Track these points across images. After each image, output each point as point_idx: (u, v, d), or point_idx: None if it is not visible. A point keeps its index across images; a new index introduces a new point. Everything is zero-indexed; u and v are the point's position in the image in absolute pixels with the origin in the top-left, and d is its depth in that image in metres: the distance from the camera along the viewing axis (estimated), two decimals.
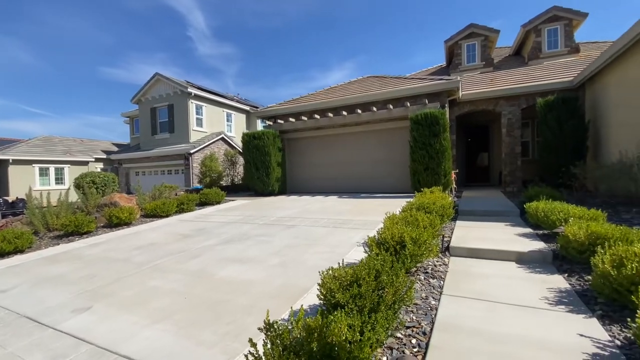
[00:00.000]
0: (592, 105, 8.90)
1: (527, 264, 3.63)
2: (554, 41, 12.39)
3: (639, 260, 2.37)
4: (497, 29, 13.01)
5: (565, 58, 11.91)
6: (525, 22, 12.47)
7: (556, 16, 12.05)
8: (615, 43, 6.92)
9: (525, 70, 11.91)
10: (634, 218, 5.06)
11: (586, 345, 2.02)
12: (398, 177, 10.35)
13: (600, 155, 8.35)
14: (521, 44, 13.61)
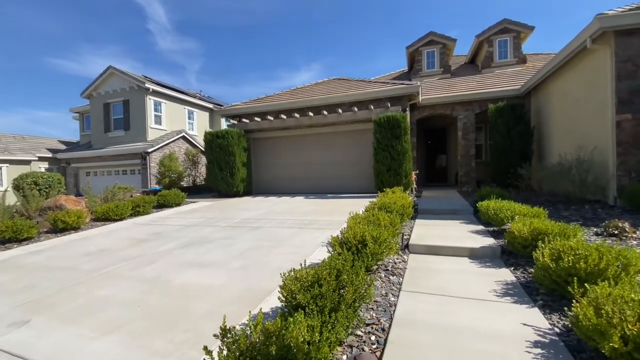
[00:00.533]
0: (537, 112, 9.75)
1: (478, 259, 3.88)
2: (504, 52, 13.40)
3: (574, 254, 2.62)
4: (454, 37, 13.80)
5: (514, 68, 12.93)
6: (479, 33, 13.37)
7: (506, 28, 13.05)
8: (554, 58, 7.65)
9: (479, 78, 12.76)
10: (572, 215, 5.61)
11: (529, 333, 2.19)
12: (363, 178, 10.58)
13: (543, 158, 9.17)
14: (475, 53, 14.55)
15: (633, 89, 5.63)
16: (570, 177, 6.34)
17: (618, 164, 5.74)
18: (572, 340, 2.08)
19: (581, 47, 6.27)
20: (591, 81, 6.50)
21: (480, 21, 60.86)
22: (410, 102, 10.47)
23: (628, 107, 5.65)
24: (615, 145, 5.75)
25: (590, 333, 1.83)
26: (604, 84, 5.99)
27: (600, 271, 2.43)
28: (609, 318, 1.76)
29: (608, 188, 6.01)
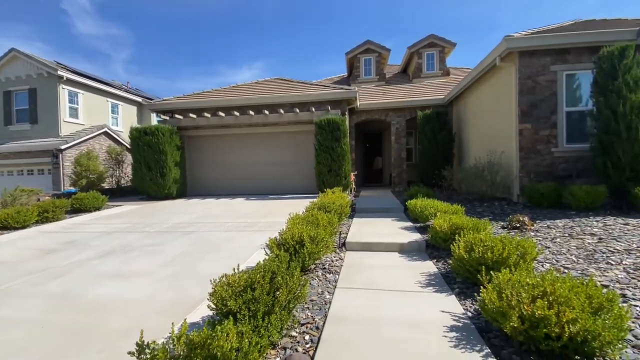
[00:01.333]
0: (458, 119, 10.93)
1: (407, 254, 4.18)
2: (431, 64, 14.73)
3: (483, 245, 2.98)
4: (389, 47, 14.76)
5: (440, 79, 14.30)
6: (410, 45, 14.50)
7: (433, 43, 14.36)
8: (470, 73, 8.66)
9: (410, 86, 13.84)
10: (484, 211, 6.39)
11: (446, 319, 2.41)
12: (306, 178, 10.66)
13: (463, 161, 10.30)
14: (407, 63, 15.74)
15: (532, 102, 6.65)
16: (483, 178, 7.24)
17: (520, 167, 6.72)
18: (481, 322, 2.36)
19: (492, 64, 7.21)
20: (500, 94, 7.51)
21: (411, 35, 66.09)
22: (349, 107, 10.88)
23: (528, 118, 6.66)
24: (518, 150, 6.73)
25: (494, 315, 2.08)
26: (510, 97, 6.96)
27: (504, 260, 2.80)
28: (508, 301, 2.03)
29: (513, 187, 6.99)
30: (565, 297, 1.90)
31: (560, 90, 6.48)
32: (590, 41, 6.29)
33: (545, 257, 3.57)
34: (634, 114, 5.23)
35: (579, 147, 6.38)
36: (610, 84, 5.44)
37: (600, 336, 1.74)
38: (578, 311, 1.83)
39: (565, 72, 6.48)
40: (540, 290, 2.05)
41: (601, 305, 1.91)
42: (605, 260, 3.36)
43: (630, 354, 1.94)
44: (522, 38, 6.48)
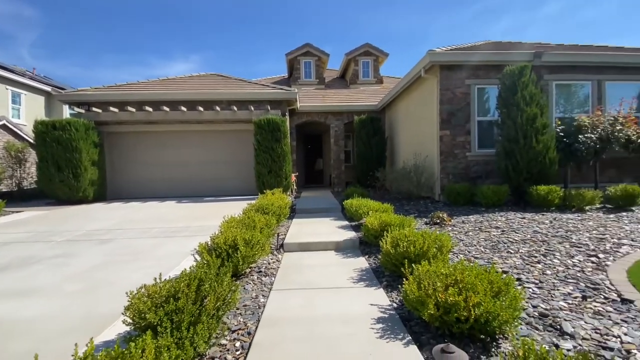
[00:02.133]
0: (390, 124, 11.71)
1: (342, 251, 4.33)
2: (366, 71, 15.53)
3: (407, 240, 3.22)
4: (328, 52, 15.16)
5: (374, 86, 15.15)
6: (348, 52, 15.10)
7: (368, 51, 15.17)
8: (400, 82, 9.36)
9: (347, 92, 14.41)
10: (411, 209, 6.95)
11: (374, 311, 2.55)
12: (244, 179, 10.34)
13: (394, 163, 11.06)
14: (345, 69, 16.37)
15: (451, 111, 7.44)
16: (410, 179, 7.88)
17: (441, 169, 7.47)
18: (405, 312, 2.54)
19: (417, 75, 7.89)
20: (425, 103, 8.26)
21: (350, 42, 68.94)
22: (289, 107, 10.89)
23: (447, 125, 7.43)
24: (439, 154, 7.47)
25: (415, 304, 2.27)
26: (432, 106, 7.70)
27: (424, 253, 3.08)
28: (426, 290, 2.23)
29: (435, 187, 7.74)
30: (472, 284, 2.16)
31: (473, 102, 7.39)
32: (496, 60, 7.29)
33: (460, 249, 4.03)
34: (529, 125, 6.21)
35: (488, 152, 7.34)
36: (512, 98, 6.38)
37: (499, 316, 2.01)
38: (482, 295, 2.10)
39: (477, 86, 7.41)
40: (453, 279, 2.29)
41: (500, 289, 2.21)
42: (506, 250, 3.92)
43: (524, 330, 2.28)
44: (443, 53, 7.24)
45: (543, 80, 7.24)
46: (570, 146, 6.58)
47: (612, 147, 6.55)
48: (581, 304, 2.57)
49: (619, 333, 2.15)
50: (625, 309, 2.46)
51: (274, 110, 10.05)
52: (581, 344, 2.07)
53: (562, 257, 3.58)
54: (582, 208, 5.86)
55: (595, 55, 7.33)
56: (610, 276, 3.04)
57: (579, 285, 2.88)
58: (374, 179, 9.63)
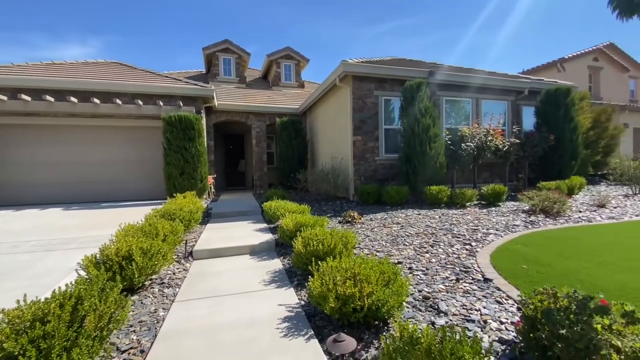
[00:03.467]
0: (310, 128, 12.07)
1: (258, 254, 4.29)
2: (288, 74, 15.71)
3: (317, 239, 3.37)
4: (249, 52, 14.83)
5: (296, 90, 15.42)
6: (270, 53, 15.05)
7: (290, 55, 15.37)
8: (318, 88, 9.75)
9: (269, 93, 14.34)
10: (328, 209, 7.28)
11: (282, 311, 2.61)
12: (152, 182, 9.36)
13: (315, 165, 11.43)
14: (267, 70, 16.26)
15: (362, 119, 8.05)
16: (328, 180, 8.27)
17: (354, 171, 8.02)
18: (311, 309, 2.66)
19: (333, 83, 8.34)
20: (340, 109, 8.76)
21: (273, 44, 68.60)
22: (205, 105, 10.29)
23: (359, 131, 8.02)
24: (352, 157, 8.01)
25: (318, 299, 2.39)
26: (346, 112, 8.22)
27: (332, 250, 3.27)
28: (327, 285, 2.37)
29: (349, 188, 8.27)
30: (366, 276, 2.39)
31: (381, 111, 8.16)
32: (399, 75, 8.19)
33: (365, 244, 4.40)
34: (424, 134, 7.13)
35: (393, 157, 8.17)
36: (411, 110, 7.24)
37: (387, 303, 2.26)
38: (374, 285, 2.34)
39: (384, 97, 8.20)
40: (352, 272, 2.50)
41: (390, 278, 2.50)
42: (403, 242, 4.43)
43: (410, 312, 2.61)
44: (355, 64, 7.80)
45: (436, 96, 8.42)
46: (456, 152, 7.80)
47: (486, 154, 8.00)
48: (455, 285, 3.07)
49: (480, 307, 2.63)
50: (486, 286, 3.03)
51: (187, 106, 9.36)
52: (452, 319, 2.47)
53: (445, 246, 4.21)
54: (464, 204, 6.98)
55: (474, 77, 8.85)
56: (478, 260, 3.71)
57: (454, 269, 3.43)
58: (295, 180, 9.79)
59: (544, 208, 5.84)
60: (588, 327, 1.71)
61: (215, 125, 11.86)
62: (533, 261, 3.53)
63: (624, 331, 1.74)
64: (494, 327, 2.32)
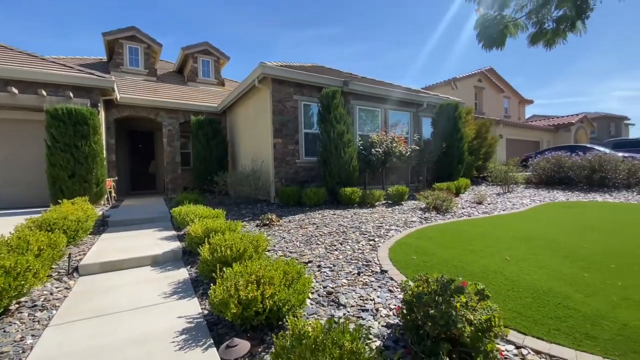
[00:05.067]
0: (231, 128, 11.65)
1: (161, 265, 3.96)
2: (207, 71, 14.90)
3: (225, 245, 3.28)
4: (160, 42, 13.57)
5: (215, 88, 14.71)
6: (185, 46, 14.04)
7: (208, 51, 14.59)
8: (238, 87, 9.50)
9: (185, 89, 13.35)
10: (248, 212, 7.13)
11: (180, 324, 2.47)
12: (30, 186, 7.82)
13: (236, 167, 11.06)
14: (183, 64, 15.12)
15: (282, 122, 8.13)
16: (249, 183, 8.11)
17: (275, 173, 8.04)
18: (214, 317, 2.59)
19: (252, 84, 8.23)
20: (261, 111, 8.68)
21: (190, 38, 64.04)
22: (104, 97, 9.04)
23: (279, 134, 8.08)
24: (273, 160, 8.02)
25: (219, 307, 2.34)
26: (267, 115, 8.19)
27: (241, 255, 3.23)
28: (229, 291, 2.34)
29: (271, 190, 8.26)
30: (270, 278, 2.44)
31: (300, 116, 8.37)
32: (317, 82, 8.53)
33: (280, 246, 4.46)
34: (338, 139, 7.57)
35: (312, 160, 8.46)
36: (327, 116, 7.61)
37: (289, 302, 2.35)
38: (277, 286, 2.40)
39: (303, 102, 8.44)
40: (256, 275, 2.51)
41: (294, 278, 2.59)
42: (316, 242, 4.62)
43: (314, 308, 2.75)
44: (274, 67, 7.84)
45: (350, 104, 9.03)
46: (367, 157, 8.49)
47: (392, 158, 8.88)
48: (356, 278, 3.34)
49: (374, 297, 2.92)
50: (382, 277, 3.38)
51: (79, 98, 8.08)
52: (349, 310, 2.69)
53: (352, 243, 4.55)
54: (373, 204, 7.63)
55: (382, 89, 9.77)
56: (379, 254, 4.10)
57: (358, 264, 3.74)
58: (214, 183, 9.30)
59: (436, 206, 6.78)
60: (448, 306, 2.06)
61: (117, 122, 10.51)
62: (422, 252, 4.07)
63: (476, 306, 2.15)
64: (384, 314, 2.60)
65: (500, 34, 3.31)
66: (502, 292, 2.89)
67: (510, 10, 3.31)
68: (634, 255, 3.79)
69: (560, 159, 10.75)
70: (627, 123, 32.33)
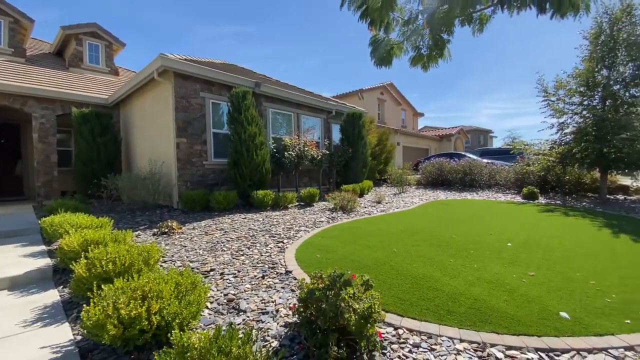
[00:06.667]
0: (125, 124, 10.26)
1: (22, 288, 3.25)
2: (96, 57, 12.84)
3: (107, 259, 2.88)
4: (32, 18, 11.13)
5: (107, 77, 12.77)
6: (67, 25, 11.82)
7: (97, 34, 12.60)
8: (134, 78, 8.45)
9: (66, 75, 11.23)
10: (144, 220, 6.40)
11: (44, 354, 2.08)
12: None
13: (131, 169, 9.79)
14: (63, 46, 12.71)
15: (187, 120, 7.55)
16: (146, 187, 7.28)
17: (178, 176, 7.42)
18: (89, 343, 2.25)
19: (151, 76, 7.43)
20: (162, 107, 7.90)
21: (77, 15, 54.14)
22: None
23: (184, 133, 7.49)
24: (176, 161, 7.39)
25: (94, 330, 2.05)
26: (169, 111, 7.50)
27: (127, 268, 2.88)
28: (106, 310, 2.07)
29: (173, 195, 7.58)
30: (158, 291, 2.25)
31: (208, 114, 7.94)
32: (228, 81, 8.22)
33: (180, 256, 4.14)
34: (250, 141, 7.44)
35: (222, 162, 8.10)
36: (238, 117, 7.41)
37: (179, 315, 2.20)
38: (167, 300, 2.23)
39: (212, 100, 8.03)
40: (142, 290, 2.28)
41: (187, 289, 2.45)
42: (222, 248, 4.45)
43: (212, 318, 2.64)
44: (177, 61, 7.25)
45: (263, 106, 8.98)
46: (280, 160, 8.57)
47: (304, 162, 9.18)
48: (260, 282, 3.34)
49: (276, 298, 2.97)
50: (286, 278, 3.46)
51: None
52: (249, 315, 2.68)
53: (260, 247, 4.53)
54: (286, 206, 7.75)
55: (294, 94, 10.02)
56: (286, 256, 4.19)
57: (264, 267, 3.75)
58: (101, 187, 8.03)
59: (342, 206, 7.28)
60: (336, 298, 2.24)
61: None
62: (325, 250, 4.32)
63: (362, 296, 2.39)
64: (284, 314, 2.68)
65: (388, 55, 3.78)
66: (387, 280, 3.28)
67: (395, 35, 3.83)
68: (486, 242, 4.76)
69: (442, 164, 12.77)
70: (491, 135, 40.54)
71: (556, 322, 2.51)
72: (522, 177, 11.28)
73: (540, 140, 11.43)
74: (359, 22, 3.43)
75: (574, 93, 9.80)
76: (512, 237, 5.06)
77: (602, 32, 9.22)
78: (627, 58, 8.91)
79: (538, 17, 2.77)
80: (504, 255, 4.13)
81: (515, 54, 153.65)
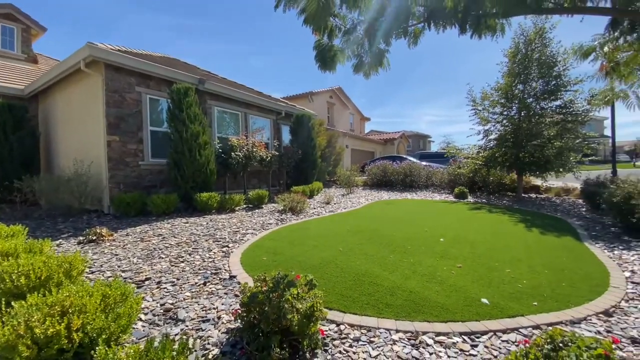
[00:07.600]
0: (45, 118, 9.04)
1: None
2: (10, 41, 11.21)
3: (20, 273, 2.52)
4: None
5: (23, 65, 11.14)
6: None
7: (12, 15, 10.98)
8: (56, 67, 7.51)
9: None
10: (67, 227, 5.71)
11: None
12: None
13: (53, 170, 8.65)
14: None
15: (120, 116, 6.91)
16: (71, 189, 6.50)
17: (110, 177, 6.75)
18: None
19: (76, 67, 6.66)
20: (90, 101, 7.12)
21: None
22: None
23: (116, 130, 6.84)
24: (107, 161, 6.71)
25: (4, 352, 1.79)
26: (98, 106, 6.79)
27: (44, 282, 2.56)
28: (17, 330, 1.82)
29: (103, 198, 6.87)
30: (81, 305, 2.04)
31: (145, 111, 7.36)
32: (168, 75, 7.71)
33: (110, 265, 3.79)
34: (193, 140, 7.07)
35: (161, 162, 7.57)
36: (179, 114, 6.99)
37: (108, 330, 2.02)
38: (92, 314, 2.03)
39: (149, 96, 7.46)
40: (63, 305, 2.05)
41: (116, 301, 2.25)
42: (159, 256, 4.17)
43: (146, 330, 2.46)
44: (108, 51, 6.60)
45: (207, 104, 8.60)
46: (227, 160, 8.29)
47: (253, 163, 9.00)
48: (202, 289, 3.21)
49: (218, 304, 2.88)
50: (230, 283, 3.36)
51: None
52: (188, 324, 2.56)
53: (203, 252, 4.34)
54: (233, 209, 7.52)
55: (242, 93, 9.78)
56: (231, 260, 4.07)
57: (206, 273, 3.60)
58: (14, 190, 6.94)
59: (292, 207, 7.29)
60: (279, 300, 2.25)
61: None
62: (273, 252, 4.30)
63: (305, 296, 2.43)
64: (226, 320, 2.61)
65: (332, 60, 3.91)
66: (332, 279, 3.38)
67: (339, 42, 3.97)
68: (422, 238, 5.16)
69: (385, 166, 13.50)
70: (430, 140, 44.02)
71: (478, 308, 2.82)
72: (455, 178, 12.41)
73: (469, 145, 12.70)
74: (303, 26, 3.50)
75: (496, 104, 11.10)
76: (444, 233, 5.55)
77: (518, 52, 10.58)
78: (538, 75, 10.36)
79: (459, 36, 3.10)
80: (437, 249, 4.52)
81: (452, 67, 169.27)
